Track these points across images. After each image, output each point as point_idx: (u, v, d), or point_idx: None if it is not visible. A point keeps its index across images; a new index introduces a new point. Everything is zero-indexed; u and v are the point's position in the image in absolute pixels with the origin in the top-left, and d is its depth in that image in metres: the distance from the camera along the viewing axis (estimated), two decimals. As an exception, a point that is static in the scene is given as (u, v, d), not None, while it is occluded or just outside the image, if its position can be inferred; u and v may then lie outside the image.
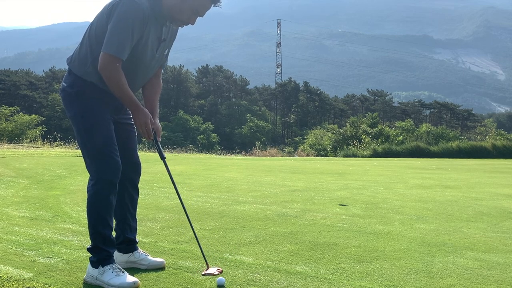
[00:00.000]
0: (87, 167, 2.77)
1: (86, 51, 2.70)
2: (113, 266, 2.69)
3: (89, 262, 2.73)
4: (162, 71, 3.06)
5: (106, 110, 2.75)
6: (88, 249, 2.75)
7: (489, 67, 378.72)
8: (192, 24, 2.78)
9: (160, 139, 2.90)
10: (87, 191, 2.74)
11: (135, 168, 2.97)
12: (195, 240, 2.96)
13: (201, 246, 2.95)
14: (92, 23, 2.72)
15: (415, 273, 2.92)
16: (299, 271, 2.90)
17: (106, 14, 2.61)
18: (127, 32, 2.55)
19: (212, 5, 2.72)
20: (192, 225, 3.01)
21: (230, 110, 73.69)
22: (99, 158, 2.69)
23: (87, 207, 2.74)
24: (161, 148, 2.89)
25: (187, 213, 3.04)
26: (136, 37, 2.61)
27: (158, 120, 2.92)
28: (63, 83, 2.79)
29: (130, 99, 2.68)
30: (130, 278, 2.62)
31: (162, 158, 2.88)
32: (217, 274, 2.77)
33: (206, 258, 2.91)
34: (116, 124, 2.85)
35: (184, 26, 2.80)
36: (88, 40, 2.70)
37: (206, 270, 2.82)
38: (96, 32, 2.66)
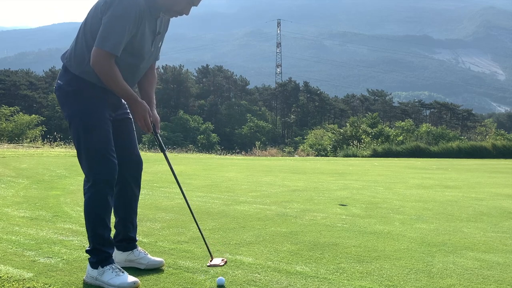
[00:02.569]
0: (82, 167, 2.72)
1: (82, 49, 2.65)
2: (113, 266, 2.68)
3: (88, 263, 2.71)
4: (157, 63, 3.03)
5: (104, 109, 2.71)
6: (87, 251, 2.73)
7: (489, 67, 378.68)
8: (187, 14, 2.73)
9: (159, 131, 2.87)
10: (84, 193, 2.70)
11: (137, 164, 2.94)
12: (199, 232, 2.98)
13: (204, 236, 2.92)
14: (86, 19, 2.67)
15: (415, 273, 2.92)
16: (299, 271, 2.90)
17: (100, 10, 2.56)
18: (122, 27, 2.51)
19: None
20: (195, 216, 3.00)
21: (230, 110, 73.67)
22: (96, 159, 2.66)
23: (85, 209, 2.69)
24: (161, 140, 2.86)
25: (189, 203, 2.99)
26: (131, 32, 2.57)
27: (156, 112, 2.88)
28: (59, 81, 2.73)
29: (127, 93, 2.65)
30: (130, 278, 2.61)
31: (163, 150, 2.86)
32: (222, 265, 2.80)
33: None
34: (115, 121, 2.82)
35: (179, 16, 2.75)
36: (83, 36, 2.65)
37: (210, 261, 2.82)
38: (92, 28, 2.61)
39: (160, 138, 2.86)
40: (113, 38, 2.50)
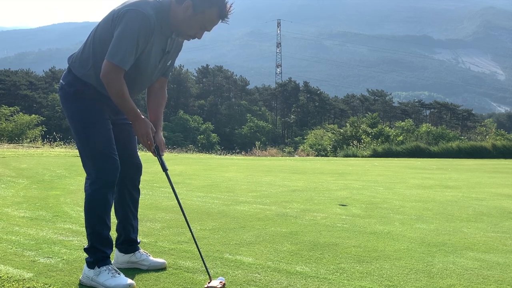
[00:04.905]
0: (84, 166, 2.75)
1: (88, 53, 2.69)
2: (109, 267, 2.68)
3: (85, 263, 2.72)
4: (167, 81, 3.03)
5: (104, 110, 2.74)
6: (85, 249, 2.74)
7: (489, 67, 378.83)
8: (199, 38, 2.76)
9: (163, 154, 2.81)
10: (85, 191, 2.72)
11: (136, 168, 2.96)
12: (199, 254, 2.77)
13: (204, 260, 2.74)
14: (97, 26, 2.71)
15: (415, 273, 2.92)
16: (299, 271, 2.90)
17: (111, 21, 2.59)
18: (132, 42, 2.53)
19: (220, 21, 2.71)
20: (197, 242, 2.80)
21: (230, 110, 73.72)
22: (97, 158, 2.68)
23: (85, 206, 2.72)
24: (163, 160, 2.81)
25: (191, 229, 2.84)
26: (141, 47, 2.59)
27: (161, 133, 2.85)
28: (62, 81, 2.77)
29: (130, 109, 2.65)
30: (125, 280, 2.61)
31: (165, 170, 2.79)
32: (220, 287, 2.56)
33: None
34: (114, 125, 2.83)
35: (191, 39, 2.79)
36: (92, 42, 2.69)
37: (208, 283, 2.59)
38: (100, 36, 2.65)
39: (162, 158, 2.80)
40: (122, 52, 2.52)
